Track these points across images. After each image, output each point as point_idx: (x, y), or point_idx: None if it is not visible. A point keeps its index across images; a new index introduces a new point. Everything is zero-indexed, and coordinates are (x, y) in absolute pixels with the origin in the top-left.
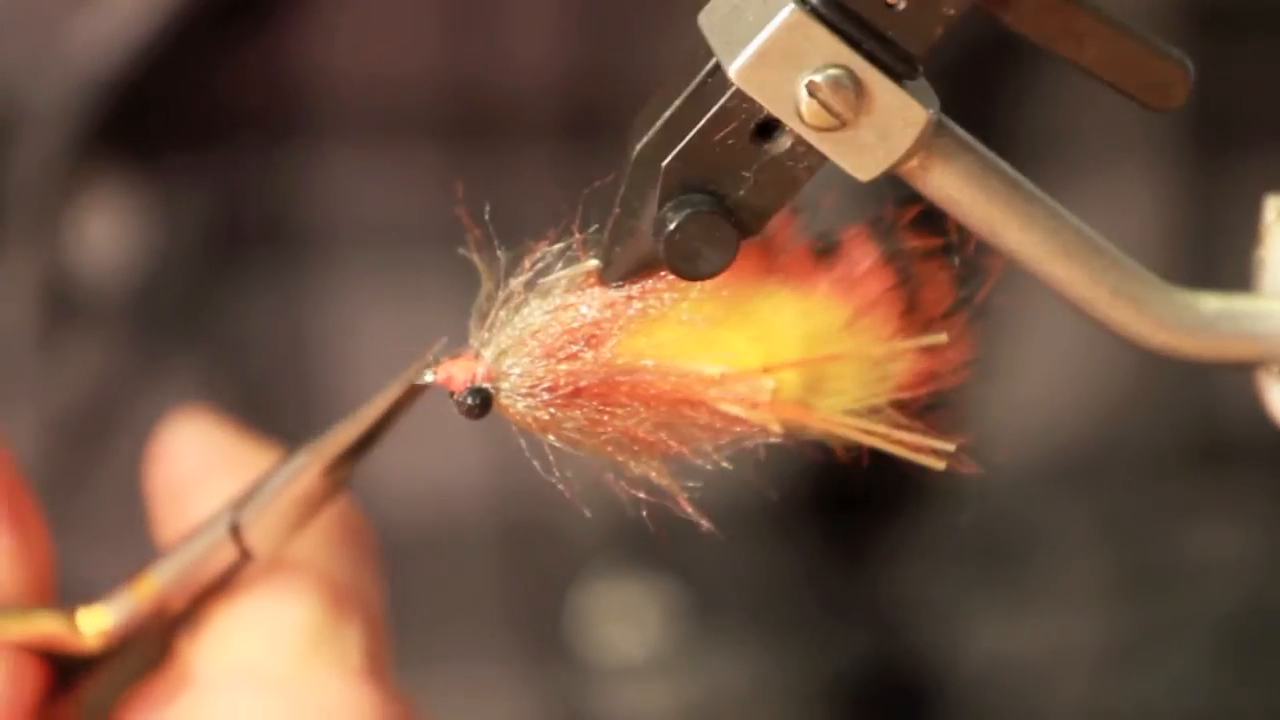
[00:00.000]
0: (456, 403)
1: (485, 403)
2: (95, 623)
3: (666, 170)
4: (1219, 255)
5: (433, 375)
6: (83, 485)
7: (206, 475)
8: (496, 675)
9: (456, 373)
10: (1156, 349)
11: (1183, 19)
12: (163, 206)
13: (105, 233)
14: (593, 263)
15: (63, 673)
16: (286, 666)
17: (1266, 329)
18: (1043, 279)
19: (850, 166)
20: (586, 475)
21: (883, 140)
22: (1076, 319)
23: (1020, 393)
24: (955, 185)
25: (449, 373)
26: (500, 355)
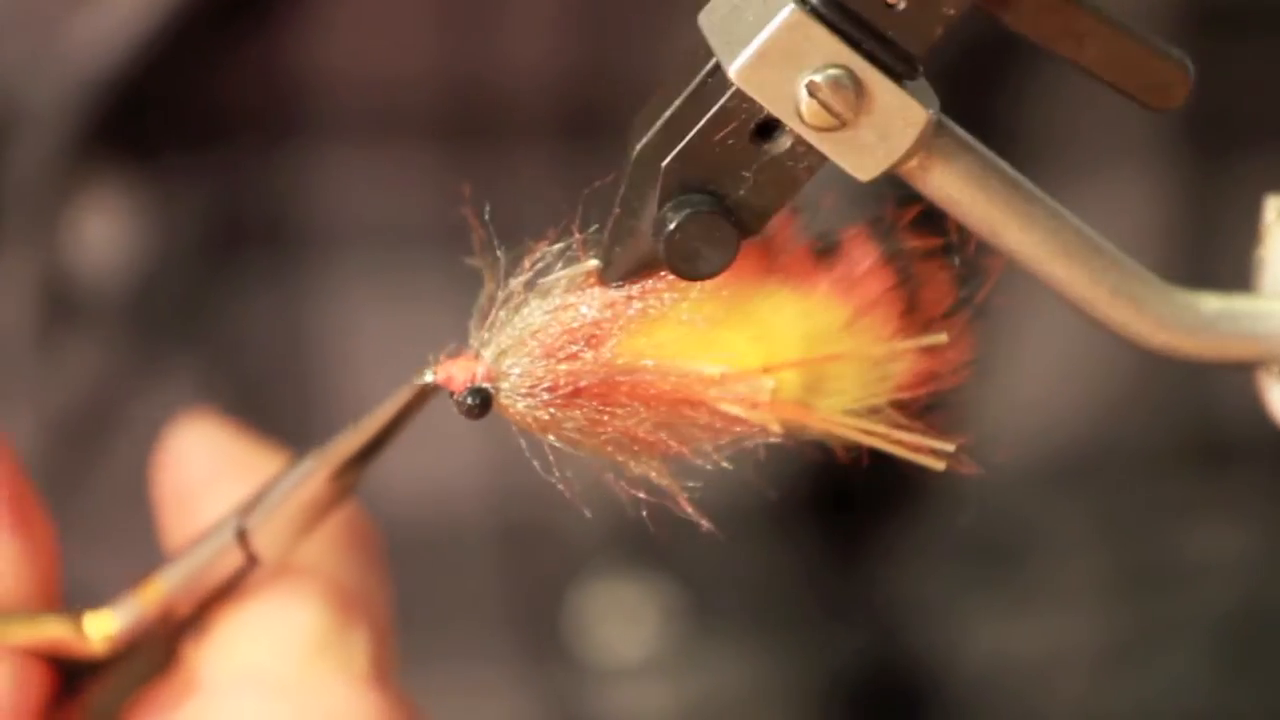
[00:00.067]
0: (456, 403)
1: (485, 403)
2: (101, 627)
3: (666, 170)
4: (1217, 255)
5: (433, 375)
6: (81, 485)
7: (213, 480)
8: (495, 675)
9: (456, 373)
10: (1157, 349)
11: (1181, 19)
12: (161, 206)
13: (103, 233)
14: (593, 263)
15: (68, 677)
16: (293, 672)
17: (1267, 329)
18: (1043, 279)
19: (850, 166)
20: (586, 475)
21: (883, 140)
22: (1074, 319)
23: (1018, 392)
24: (955, 185)
25: (449, 372)
26: (500, 355)
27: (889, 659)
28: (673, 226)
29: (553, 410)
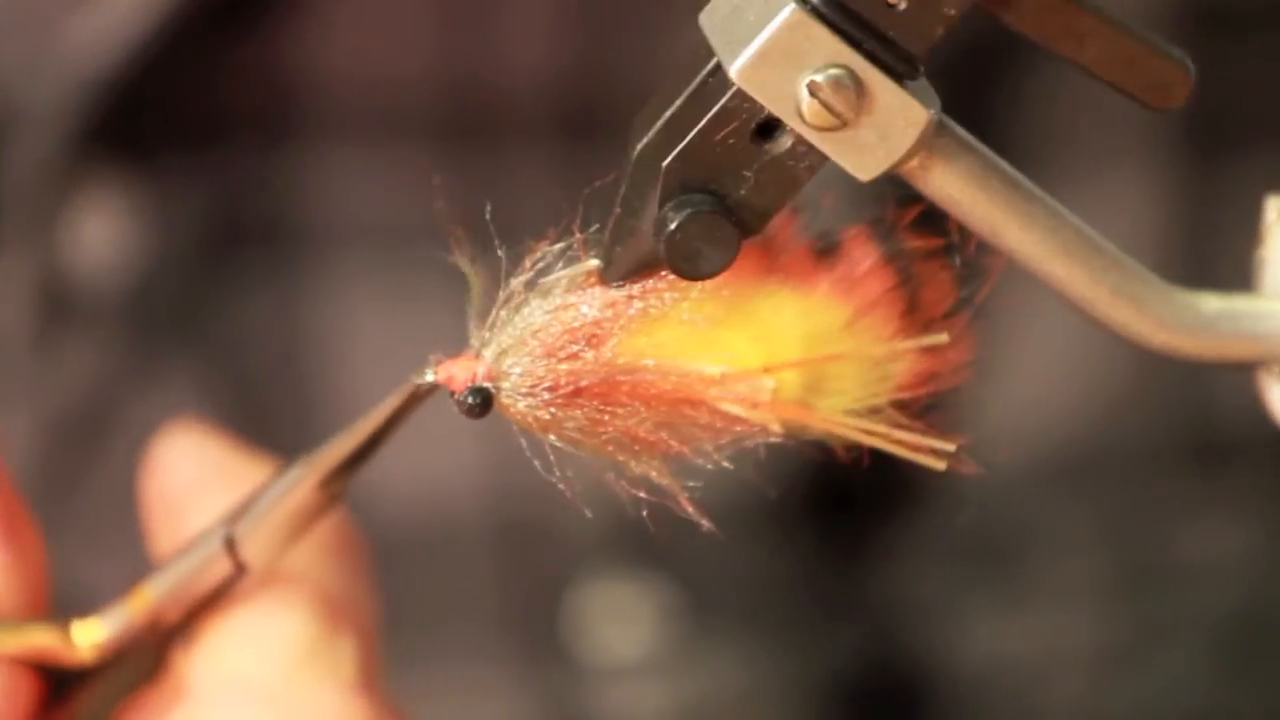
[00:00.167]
0: (457, 402)
1: (486, 402)
2: (89, 635)
3: (667, 170)
4: (1215, 255)
5: (433, 375)
6: (78, 486)
7: (201, 488)
8: (492, 675)
9: (457, 372)
10: (1157, 349)
11: (1179, 18)
12: (158, 207)
13: (101, 233)
14: (593, 262)
15: (57, 685)
16: (280, 679)
17: (1267, 329)
18: (1043, 279)
19: (851, 166)
20: (583, 475)
21: (883, 140)
22: (1073, 319)
23: (1017, 392)
24: (956, 185)
25: (449, 372)
26: (501, 355)
27: (887, 658)
28: (674, 226)
29: (553, 410)
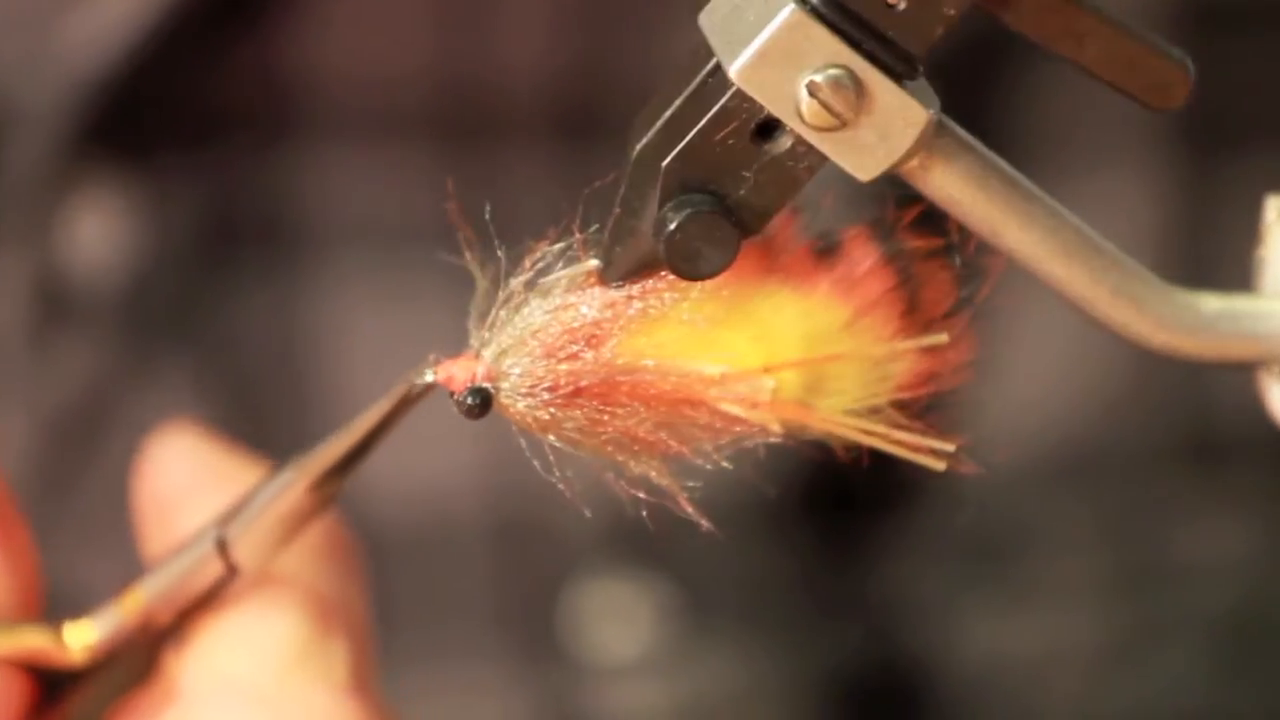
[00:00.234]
0: (456, 402)
1: (485, 402)
2: (81, 637)
3: (667, 170)
4: (1213, 254)
5: (433, 375)
6: (75, 485)
7: (194, 491)
8: (490, 674)
9: (457, 372)
10: (1157, 349)
11: (1177, 17)
12: (155, 206)
13: (97, 232)
14: (593, 263)
15: (48, 687)
16: (272, 681)
17: (1267, 329)
18: (1043, 279)
19: (851, 167)
20: (581, 474)
21: (883, 140)
22: (1072, 318)
23: (1016, 391)
24: (956, 185)
25: (449, 372)
26: (500, 355)
27: (885, 657)
28: (673, 226)
29: (552, 410)
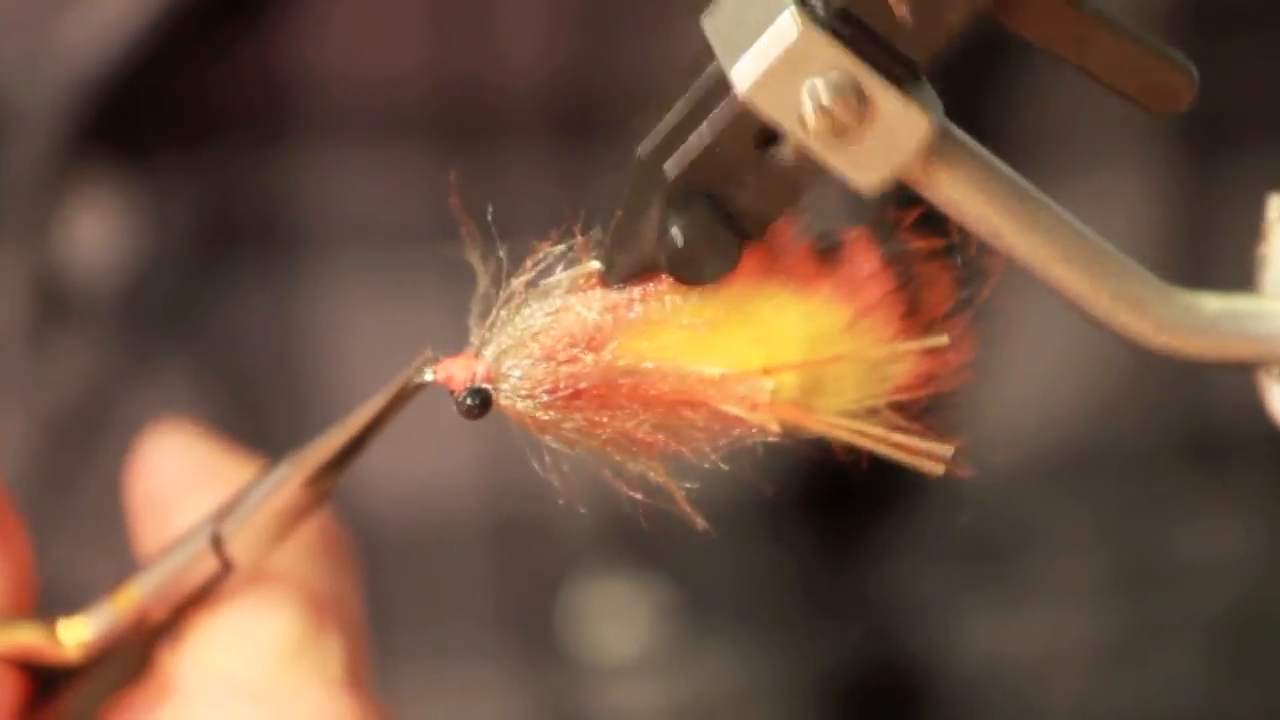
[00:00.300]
0: (456, 403)
1: (485, 403)
2: (75, 634)
3: (668, 175)
4: (1213, 253)
5: (432, 374)
6: (73, 484)
7: (187, 489)
8: (488, 674)
9: (456, 372)
10: (1158, 350)
11: (1175, 15)
12: (153, 205)
13: (95, 231)
14: (594, 264)
15: (43, 683)
16: (266, 677)
17: (1268, 329)
18: (1043, 281)
19: (853, 175)
20: (581, 473)
21: (885, 148)
22: (1071, 316)
23: (1015, 390)
24: (957, 190)
25: (449, 371)
26: (501, 355)
27: (884, 657)
28: (675, 233)
29: (553, 411)
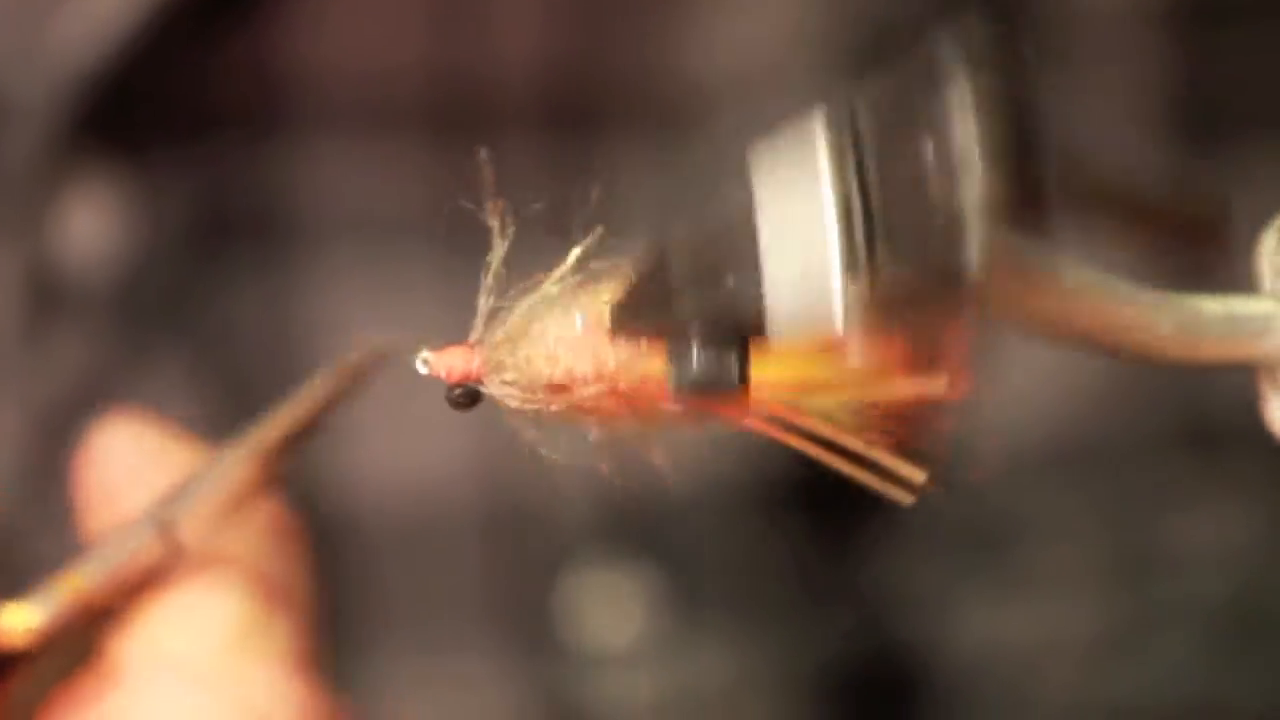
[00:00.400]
0: (446, 395)
1: (476, 396)
2: (21, 620)
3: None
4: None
5: (425, 366)
6: (67, 478)
7: (137, 478)
8: (480, 665)
9: (451, 363)
10: (1154, 358)
11: (1171, 9)
12: (148, 199)
13: (90, 225)
14: (593, 265)
15: None
16: (213, 660)
17: (1267, 330)
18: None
19: None
20: (573, 465)
21: None
22: None
23: (1010, 379)
24: None
25: (445, 363)
26: (494, 348)
27: (879, 647)
28: (694, 373)
29: (546, 405)
